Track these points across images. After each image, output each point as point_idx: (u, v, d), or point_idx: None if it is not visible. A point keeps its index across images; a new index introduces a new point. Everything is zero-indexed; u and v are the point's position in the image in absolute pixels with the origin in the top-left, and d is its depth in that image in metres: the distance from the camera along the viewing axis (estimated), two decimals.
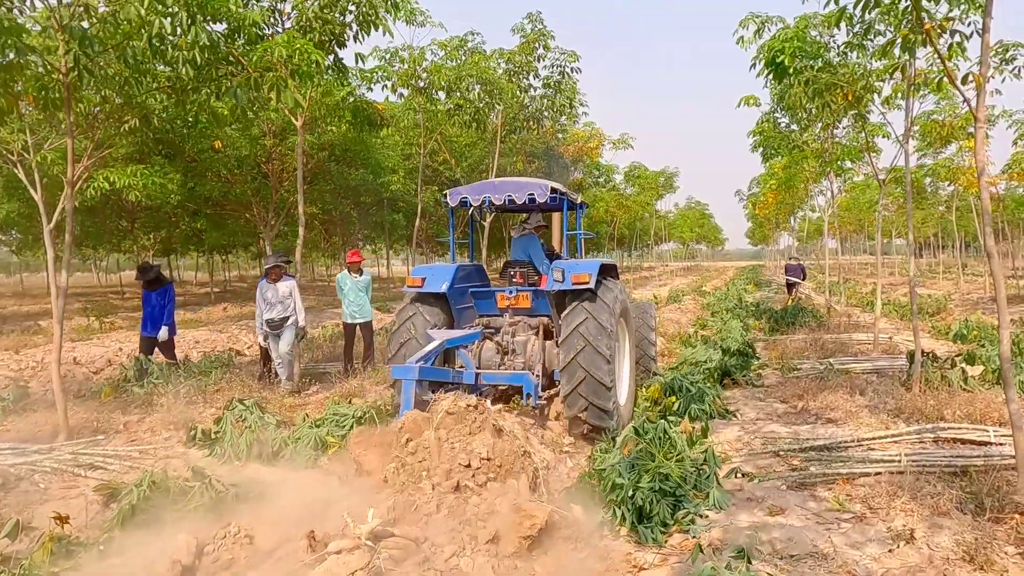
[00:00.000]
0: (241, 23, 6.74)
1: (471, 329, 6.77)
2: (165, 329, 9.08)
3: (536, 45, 14.16)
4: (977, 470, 4.84)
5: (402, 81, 12.04)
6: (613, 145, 20.46)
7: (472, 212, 7.28)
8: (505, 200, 6.63)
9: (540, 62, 14.39)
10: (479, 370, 6.40)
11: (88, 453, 5.70)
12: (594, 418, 5.94)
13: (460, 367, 6.38)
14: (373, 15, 8.39)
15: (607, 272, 6.70)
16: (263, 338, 8.85)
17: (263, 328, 8.73)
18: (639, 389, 7.44)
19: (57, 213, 6.64)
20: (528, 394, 6.12)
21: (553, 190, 6.49)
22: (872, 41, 7.73)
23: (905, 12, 6.05)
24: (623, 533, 4.34)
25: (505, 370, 6.54)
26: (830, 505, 4.64)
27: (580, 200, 7.40)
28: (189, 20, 5.81)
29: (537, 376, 6.35)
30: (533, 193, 6.43)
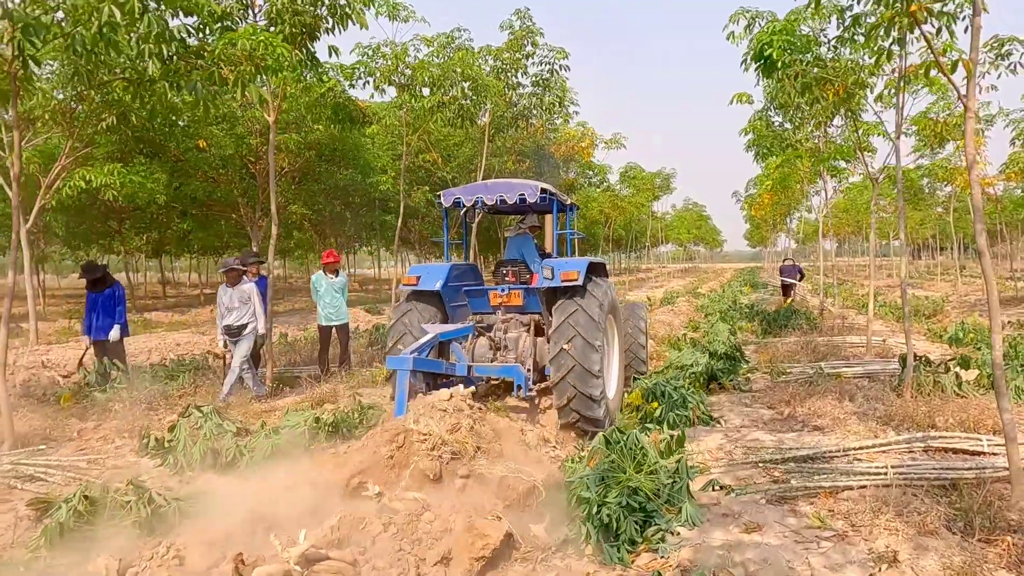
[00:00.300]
0: (199, 13, 6.42)
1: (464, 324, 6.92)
2: (117, 328, 8.67)
3: (524, 42, 13.93)
4: (968, 484, 4.54)
5: (384, 77, 11.70)
6: (605, 145, 20.15)
7: (464, 213, 7.44)
8: (496, 201, 6.74)
9: (529, 60, 14.16)
10: (472, 363, 6.51)
11: (29, 463, 5.34)
12: (582, 407, 5.99)
13: (454, 361, 6.45)
14: (348, 7, 8.12)
15: (596, 270, 6.78)
16: (222, 344, 8.49)
17: (223, 335, 8.37)
18: (627, 393, 7.30)
19: (35, 212, 6.34)
20: (519, 385, 6.29)
21: (543, 191, 6.61)
22: (862, 31, 7.45)
23: None
24: (588, 552, 4.04)
25: (497, 364, 6.67)
26: (810, 522, 4.34)
27: (571, 201, 7.48)
28: (141, 7, 5.51)
29: (528, 369, 6.51)
30: (524, 194, 6.59)
